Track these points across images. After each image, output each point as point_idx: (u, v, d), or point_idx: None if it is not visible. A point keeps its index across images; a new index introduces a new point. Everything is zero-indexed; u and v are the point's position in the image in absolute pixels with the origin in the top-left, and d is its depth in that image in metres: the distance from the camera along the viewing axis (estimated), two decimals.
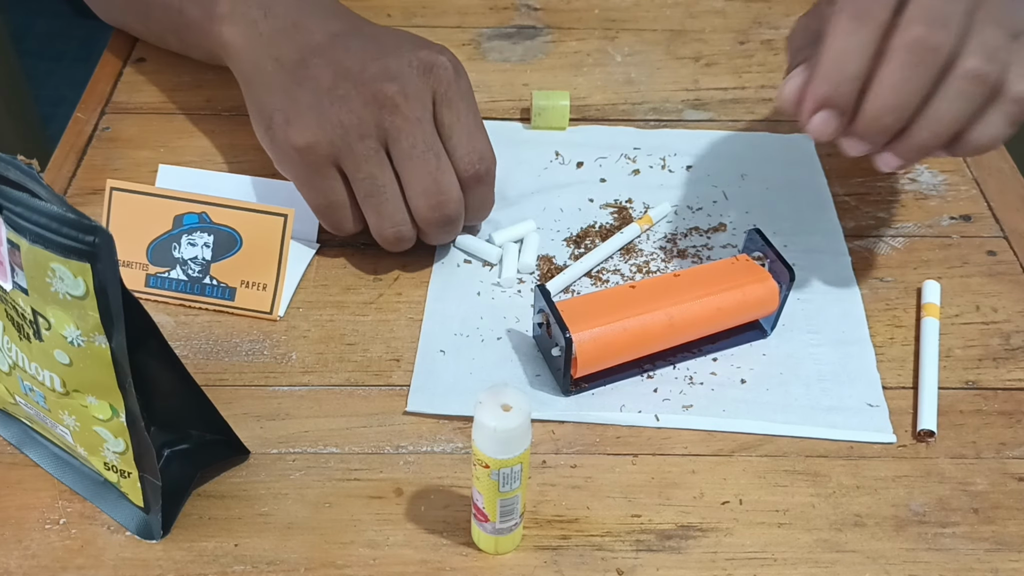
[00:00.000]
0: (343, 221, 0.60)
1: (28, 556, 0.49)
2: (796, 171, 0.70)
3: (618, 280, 0.62)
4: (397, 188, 0.58)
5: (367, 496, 0.51)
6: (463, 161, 0.59)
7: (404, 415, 0.55)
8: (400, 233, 0.59)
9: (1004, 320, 0.61)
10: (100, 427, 0.47)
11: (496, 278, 0.62)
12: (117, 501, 0.50)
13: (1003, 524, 0.51)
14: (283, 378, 0.57)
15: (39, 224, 0.40)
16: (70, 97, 0.79)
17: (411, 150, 0.57)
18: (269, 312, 0.59)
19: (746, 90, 0.77)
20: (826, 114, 0.51)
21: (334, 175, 0.58)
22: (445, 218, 0.59)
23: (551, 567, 0.49)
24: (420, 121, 0.57)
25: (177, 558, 0.49)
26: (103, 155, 0.70)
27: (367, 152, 0.57)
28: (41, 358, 0.45)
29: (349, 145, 0.57)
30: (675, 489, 0.52)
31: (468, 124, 0.59)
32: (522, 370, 0.57)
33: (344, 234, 0.61)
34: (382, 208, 0.59)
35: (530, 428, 0.44)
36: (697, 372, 0.57)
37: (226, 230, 0.59)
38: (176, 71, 0.76)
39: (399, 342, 0.58)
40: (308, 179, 0.59)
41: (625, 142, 0.72)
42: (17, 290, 0.43)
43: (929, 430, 0.54)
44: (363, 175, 0.58)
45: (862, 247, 0.65)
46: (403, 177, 0.58)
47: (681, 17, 0.84)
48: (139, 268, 0.60)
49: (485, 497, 0.46)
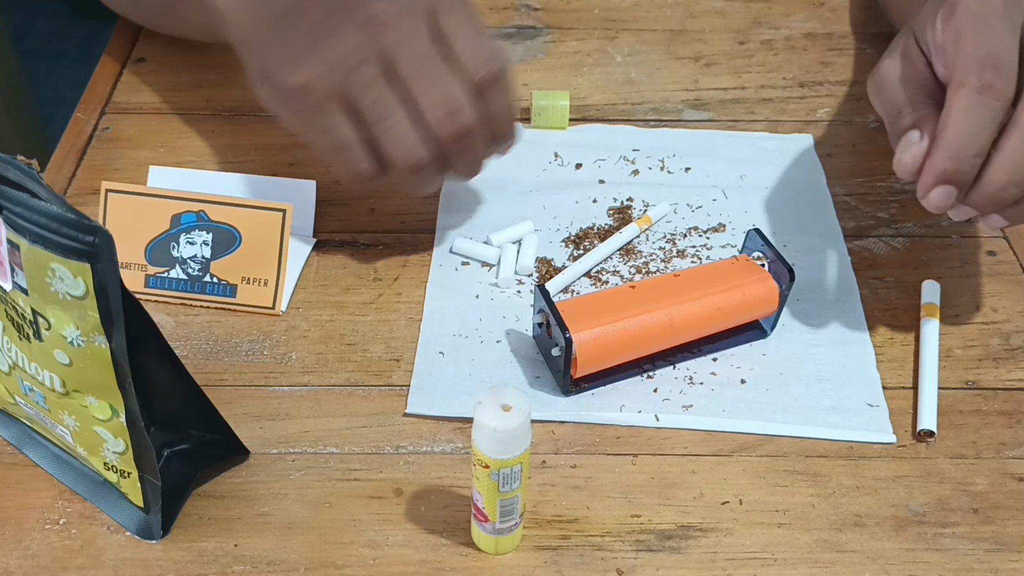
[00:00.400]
0: (354, 161, 0.56)
1: (28, 556, 0.49)
2: (796, 171, 0.70)
3: (618, 281, 0.62)
4: (406, 110, 0.55)
5: (367, 496, 0.51)
6: (472, 64, 0.55)
7: (404, 416, 0.55)
8: (417, 158, 0.55)
9: (1004, 320, 0.61)
10: (100, 427, 0.47)
11: (494, 279, 0.62)
12: (117, 501, 0.50)
13: (1003, 524, 0.51)
14: (283, 378, 0.57)
15: (39, 224, 0.40)
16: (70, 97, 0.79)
17: (412, 64, 0.54)
18: (271, 307, 0.59)
19: (746, 90, 0.77)
20: (946, 189, 0.51)
21: (338, 112, 0.55)
22: (461, 129, 0.55)
23: (551, 567, 0.49)
24: (416, 33, 0.55)
25: (177, 558, 0.49)
26: (103, 155, 0.70)
27: (367, 78, 0.54)
28: (41, 358, 0.45)
29: (348, 74, 0.54)
30: (675, 489, 0.52)
31: (471, 28, 0.56)
32: (522, 370, 0.57)
33: (360, 180, 0.57)
34: (393, 132, 0.55)
35: (530, 428, 0.44)
36: (697, 372, 0.57)
37: (225, 227, 0.59)
38: (176, 71, 0.76)
39: (399, 342, 0.58)
40: (312, 121, 0.56)
41: (625, 142, 0.72)
42: (17, 290, 0.43)
43: (929, 430, 0.54)
44: (367, 101, 0.55)
45: (862, 247, 0.65)
46: (411, 96, 0.55)
47: (681, 17, 0.84)
48: (138, 269, 0.60)
49: (485, 497, 0.46)
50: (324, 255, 0.64)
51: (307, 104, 0.55)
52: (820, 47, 0.81)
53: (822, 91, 0.77)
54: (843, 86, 0.77)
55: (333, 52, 0.55)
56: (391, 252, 0.64)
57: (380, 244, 0.64)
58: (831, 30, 0.83)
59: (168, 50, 0.77)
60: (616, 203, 0.67)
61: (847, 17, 0.84)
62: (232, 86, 0.75)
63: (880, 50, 0.81)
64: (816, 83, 0.78)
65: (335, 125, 0.56)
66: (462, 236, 0.64)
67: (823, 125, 0.74)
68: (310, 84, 0.55)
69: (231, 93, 0.75)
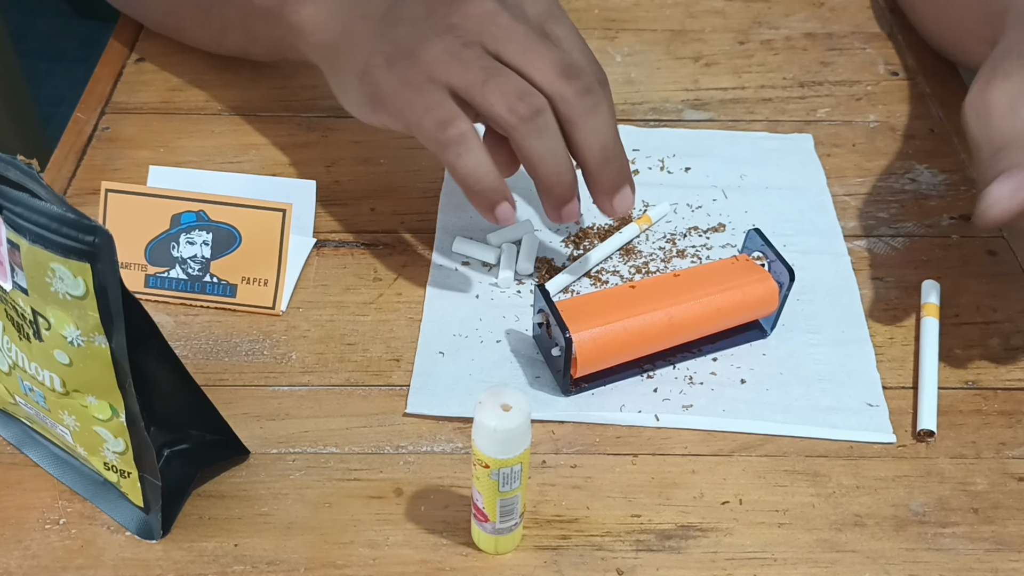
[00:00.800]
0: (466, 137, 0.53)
1: (28, 556, 0.49)
2: (796, 171, 0.70)
3: (618, 281, 0.62)
4: (513, 72, 0.54)
5: (367, 496, 0.51)
6: (582, 58, 0.56)
7: (404, 416, 0.55)
8: (533, 104, 0.53)
9: (1004, 320, 0.61)
10: (100, 427, 0.47)
11: (494, 279, 0.62)
12: (117, 501, 0.50)
13: (1003, 524, 0.51)
14: (283, 378, 0.57)
15: (39, 224, 0.40)
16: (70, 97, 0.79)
17: (524, 44, 0.54)
18: (272, 307, 0.59)
19: (746, 90, 0.77)
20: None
21: (443, 91, 0.54)
22: (581, 83, 0.54)
23: (551, 567, 0.49)
24: (524, 21, 0.55)
25: (177, 558, 0.49)
26: (103, 155, 0.70)
27: (474, 56, 0.54)
28: (41, 358, 0.45)
29: (454, 56, 0.54)
30: (675, 489, 0.52)
31: (577, 39, 0.57)
32: (522, 370, 0.57)
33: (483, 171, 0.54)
34: (503, 83, 0.53)
35: (530, 428, 0.44)
36: (697, 372, 0.57)
37: (225, 227, 0.59)
38: (176, 71, 0.76)
39: (399, 342, 0.58)
40: (418, 102, 0.54)
41: (625, 142, 0.71)
42: (17, 290, 0.43)
43: (929, 430, 0.54)
44: (476, 67, 0.53)
45: (862, 247, 0.65)
46: (521, 68, 0.54)
47: (681, 17, 0.84)
48: (138, 269, 0.60)
49: (485, 497, 0.46)
50: (324, 255, 0.64)
51: (409, 84, 0.54)
52: (820, 47, 0.81)
53: (822, 91, 0.77)
54: (843, 86, 0.78)
55: (441, 43, 0.54)
56: (391, 252, 0.64)
57: (380, 244, 0.64)
58: (831, 30, 0.83)
59: (168, 50, 0.77)
60: None
61: (847, 17, 0.84)
62: (232, 86, 0.75)
63: (881, 50, 0.81)
64: (816, 83, 0.78)
65: (439, 100, 0.54)
66: (462, 236, 0.64)
67: (823, 125, 0.74)
68: (414, 65, 0.54)
69: (231, 93, 0.75)
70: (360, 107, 0.59)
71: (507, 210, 0.56)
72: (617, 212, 0.58)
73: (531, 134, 0.54)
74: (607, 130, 0.55)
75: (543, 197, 0.56)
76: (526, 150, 0.54)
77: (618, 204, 0.57)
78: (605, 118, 0.55)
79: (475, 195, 0.55)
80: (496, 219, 0.56)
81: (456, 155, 0.54)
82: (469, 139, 0.54)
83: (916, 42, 0.82)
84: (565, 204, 0.56)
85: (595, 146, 0.55)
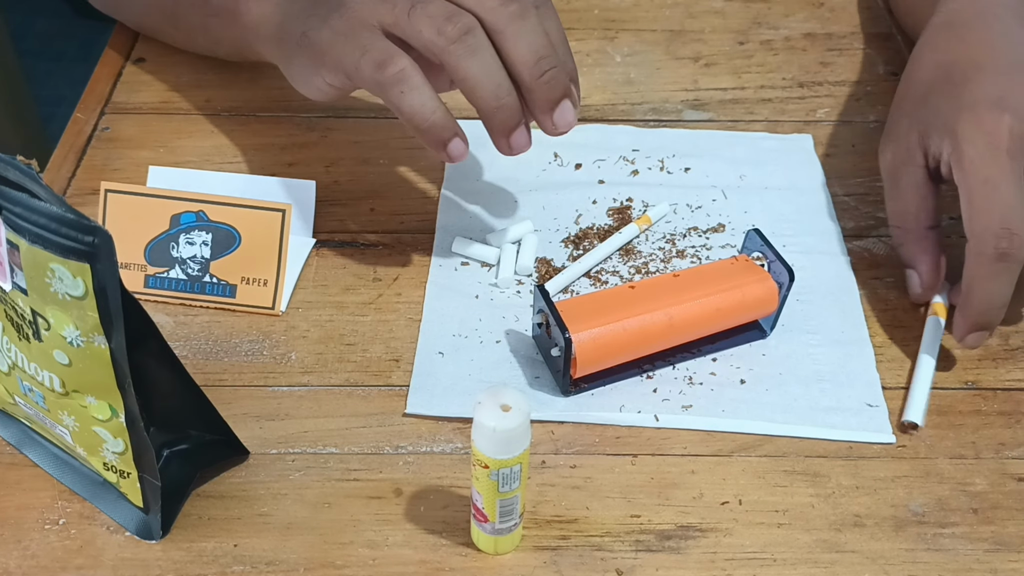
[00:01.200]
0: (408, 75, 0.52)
1: (28, 556, 0.49)
2: (796, 171, 0.70)
3: (617, 281, 0.62)
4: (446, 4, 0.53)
5: (366, 496, 0.51)
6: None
7: (403, 416, 0.55)
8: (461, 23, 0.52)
9: (1004, 320, 0.61)
10: (99, 427, 0.47)
11: (493, 279, 0.62)
12: (116, 501, 0.50)
13: (1002, 524, 0.51)
14: (283, 378, 0.57)
15: (38, 224, 0.40)
16: (70, 97, 0.79)
17: None
18: (271, 308, 0.59)
19: (745, 90, 0.77)
20: (980, 334, 0.56)
21: (376, 32, 0.53)
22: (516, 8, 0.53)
23: (551, 567, 0.49)
24: None
25: (176, 558, 0.49)
26: (103, 155, 0.70)
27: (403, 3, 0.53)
28: (40, 358, 0.45)
29: (402, 8, 0.53)
30: (675, 489, 0.52)
31: None
32: (521, 370, 0.57)
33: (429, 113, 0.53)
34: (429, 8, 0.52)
35: (529, 428, 0.44)
36: (697, 372, 0.57)
37: (224, 227, 0.59)
38: (176, 71, 0.76)
39: (398, 342, 0.58)
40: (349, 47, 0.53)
41: (624, 142, 0.72)
42: (16, 290, 0.43)
43: (913, 423, 0.54)
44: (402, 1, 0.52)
45: (862, 247, 0.65)
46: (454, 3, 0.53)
47: (681, 17, 0.84)
48: (137, 269, 0.60)
49: (484, 497, 0.46)
50: (324, 255, 0.64)
51: (348, 36, 0.53)
52: (820, 47, 0.81)
53: (822, 91, 0.77)
54: (843, 86, 0.77)
55: None
56: (391, 252, 0.64)
57: (380, 244, 0.64)
58: (831, 30, 0.83)
59: (168, 50, 0.77)
60: (616, 203, 0.67)
61: (847, 17, 0.84)
62: (232, 86, 0.75)
63: (881, 50, 0.81)
64: (816, 83, 0.78)
65: (374, 41, 0.53)
66: (462, 236, 0.64)
67: (823, 125, 0.74)
68: (348, 16, 0.53)
69: (231, 93, 0.75)
70: (308, 79, 0.57)
71: (459, 146, 0.54)
72: (558, 128, 0.55)
73: (463, 55, 0.52)
74: (538, 38, 0.53)
75: (487, 125, 0.54)
76: (461, 72, 0.53)
77: (558, 119, 0.55)
78: (532, 25, 0.53)
79: (424, 133, 0.54)
80: (449, 156, 0.54)
81: (399, 93, 0.53)
82: (411, 76, 0.53)
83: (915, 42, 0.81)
84: (512, 131, 0.54)
85: (526, 55, 0.53)
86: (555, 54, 0.54)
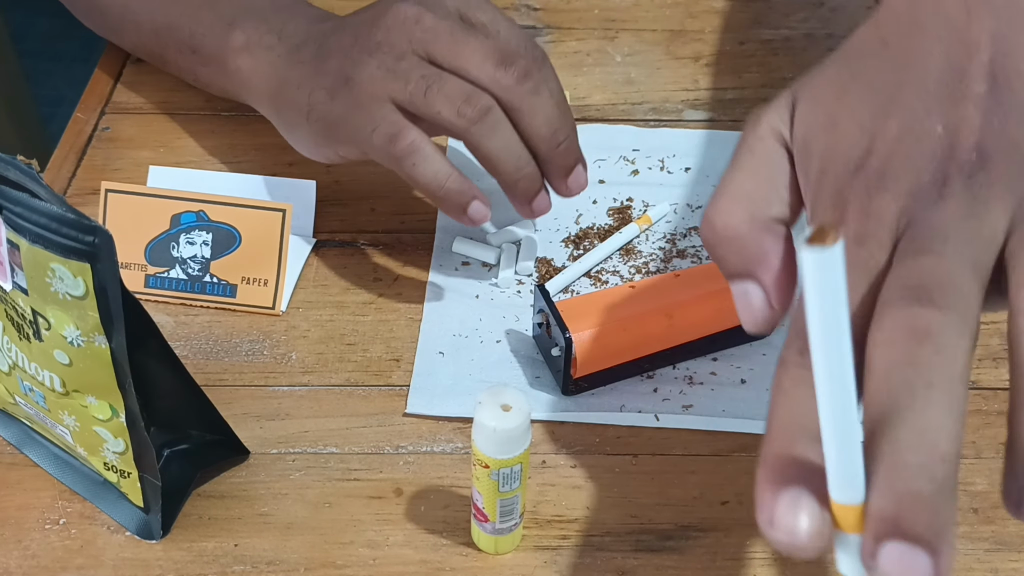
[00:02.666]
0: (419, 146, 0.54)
1: (28, 556, 0.49)
2: None
3: (617, 281, 0.62)
4: (453, 76, 0.54)
5: (367, 496, 0.51)
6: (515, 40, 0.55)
7: (404, 416, 0.55)
8: (480, 104, 0.53)
9: (1004, 320, 0.60)
10: (100, 427, 0.47)
11: (494, 279, 0.62)
12: (117, 501, 0.50)
13: (1003, 524, 0.51)
14: (283, 378, 0.57)
15: (39, 224, 0.40)
16: (70, 97, 0.79)
17: (453, 41, 0.54)
18: (271, 308, 0.59)
19: (746, 90, 0.77)
20: None
21: (387, 106, 0.54)
22: (522, 72, 0.54)
23: (551, 567, 0.49)
24: (447, 17, 0.55)
25: (177, 558, 0.49)
26: (103, 155, 0.70)
27: (409, 66, 0.54)
28: (41, 358, 0.45)
29: (390, 71, 0.54)
30: (675, 489, 0.52)
31: (505, 21, 0.56)
32: (521, 370, 0.57)
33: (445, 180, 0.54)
34: (445, 89, 0.53)
35: (530, 428, 0.44)
36: (697, 372, 0.57)
37: (225, 227, 0.59)
38: None
39: (399, 342, 0.58)
40: (360, 121, 0.55)
41: (624, 142, 0.72)
42: (17, 290, 0.43)
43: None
44: (415, 77, 0.53)
45: None
46: (457, 68, 0.54)
47: (681, 17, 0.84)
48: (138, 269, 0.60)
49: (485, 497, 0.46)
50: (324, 255, 0.64)
51: (359, 111, 0.55)
52: (820, 47, 0.81)
53: None
54: None
55: (373, 60, 0.55)
56: (391, 252, 0.64)
57: (380, 244, 0.64)
58: (831, 30, 0.83)
59: None
60: (616, 203, 0.67)
61: (847, 17, 0.84)
62: None
63: None
64: None
65: (385, 115, 0.54)
66: (462, 236, 0.64)
67: None
68: (359, 92, 0.54)
69: None
70: (315, 147, 0.59)
71: (479, 208, 0.55)
72: (572, 192, 0.57)
73: (484, 134, 0.54)
74: (552, 111, 0.55)
75: (510, 195, 0.56)
76: (483, 150, 0.54)
77: (572, 183, 0.57)
78: (546, 99, 0.55)
79: (441, 201, 0.55)
80: (471, 220, 0.55)
81: (412, 165, 0.54)
82: (421, 147, 0.54)
83: None
84: (533, 198, 0.56)
85: (543, 129, 0.55)
86: (567, 121, 0.56)
